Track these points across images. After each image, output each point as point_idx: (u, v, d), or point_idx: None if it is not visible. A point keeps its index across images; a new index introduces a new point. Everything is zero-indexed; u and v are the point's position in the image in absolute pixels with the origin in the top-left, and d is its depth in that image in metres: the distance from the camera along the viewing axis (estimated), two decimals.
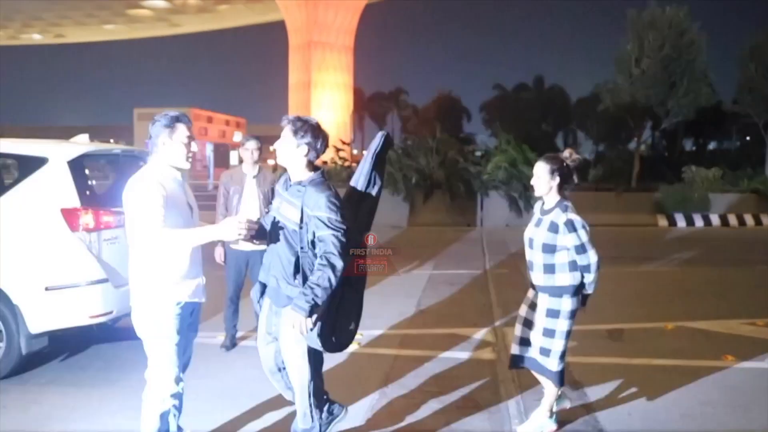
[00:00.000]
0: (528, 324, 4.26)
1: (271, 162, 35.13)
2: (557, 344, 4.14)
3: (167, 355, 3.50)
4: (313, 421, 3.75)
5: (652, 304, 8.54)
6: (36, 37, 55.79)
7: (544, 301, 4.15)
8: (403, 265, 11.84)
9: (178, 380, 3.57)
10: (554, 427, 4.39)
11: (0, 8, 45.21)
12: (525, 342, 4.27)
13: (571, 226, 4.01)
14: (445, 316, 7.77)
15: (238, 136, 37.33)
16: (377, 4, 42.26)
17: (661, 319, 7.54)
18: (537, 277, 4.16)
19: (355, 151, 31.20)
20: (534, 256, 4.16)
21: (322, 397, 3.83)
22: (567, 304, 4.09)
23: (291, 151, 3.49)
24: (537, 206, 4.35)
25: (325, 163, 23.90)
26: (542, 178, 4.12)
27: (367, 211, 3.71)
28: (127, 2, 44.81)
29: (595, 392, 5.16)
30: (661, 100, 28.93)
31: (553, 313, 4.11)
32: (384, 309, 8.00)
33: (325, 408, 3.85)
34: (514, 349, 4.34)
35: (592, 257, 4.02)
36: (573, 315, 4.14)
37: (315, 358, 3.71)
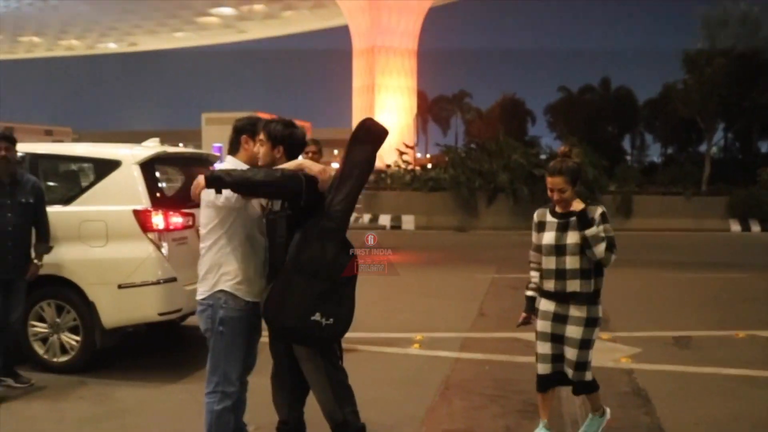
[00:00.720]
0: (558, 339, 3.96)
1: (335, 165, 35.56)
2: (591, 354, 3.98)
3: (229, 353, 3.59)
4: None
5: (723, 312, 8.28)
6: (111, 46, 57.92)
7: (581, 311, 3.88)
8: (464, 268, 11.81)
9: (239, 379, 3.65)
10: (609, 417, 4.27)
11: (79, 21, 47.18)
12: (558, 359, 4.00)
13: (605, 217, 3.85)
14: (507, 320, 7.70)
15: None
16: (441, 7, 42.25)
17: (731, 327, 7.31)
18: (573, 284, 3.88)
19: (418, 155, 31.28)
20: (568, 263, 3.87)
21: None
22: (600, 309, 3.98)
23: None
24: (542, 213, 4.05)
25: (388, 166, 24.00)
26: (567, 191, 3.85)
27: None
28: (196, 11, 46.01)
29: (661, 401, 5.05)
30: (735, 100, 27.98)
31: (592, 322, 3.90)
32: (445, 312, 8.02)
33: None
34: (545, 369, 4.04)
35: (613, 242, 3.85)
36: None
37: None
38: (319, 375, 3.60)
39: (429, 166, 23.45)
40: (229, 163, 3.64)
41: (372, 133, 3.55)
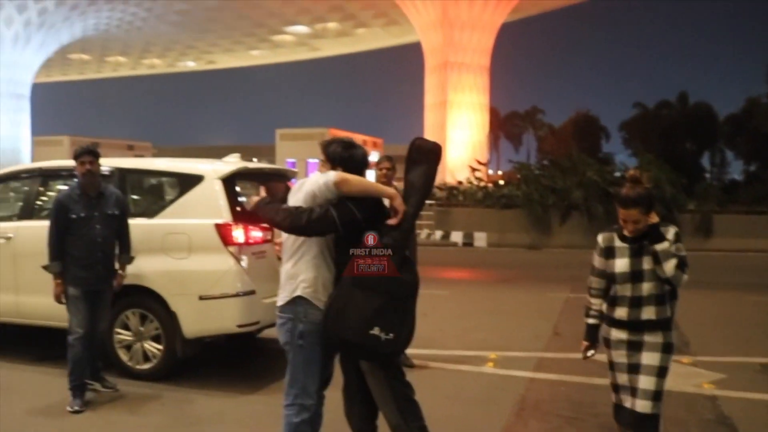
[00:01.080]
0: (635, 369, 3.66)
1: None
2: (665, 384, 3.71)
3: (308, 366, 3.63)
4: None
5: None
6: (190, 64, 59.89)
7: (657, 336, 3.62)
8: (538, 287, 11.64)
9: (315, 393, 3.68)
10: None
11: (161, 41, 49.06)
12: (637, 392, 3.66)
13: (679, 236, 3.61)
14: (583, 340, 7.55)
15: (374, 156, 38.16)
16: (513, 23, 42.00)
17: None
18: (648, 311, 3.61)
19: (490, 171, 31.10)
20: (645, 289, 3.60)
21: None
22: (674, 335, 3.72)
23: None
24: (610, 238, 3.71)
25: (460, 183, 23.94)
26: (641, 222, 3.54)
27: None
28: (272, 29, 47.09)
29: (747, 430, 4.85)
30: None
31: (669, 348, 3.63)
32: (519, 331, 7.92)
33: None
34: (624, 400, 3.74)
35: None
36: None
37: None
38: (382, 388, 3.61)
39: (501, 182, 23.27)
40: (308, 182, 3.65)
41: (423, 152, 3.53)
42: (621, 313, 3.67)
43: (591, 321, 3.92)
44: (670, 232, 3.57)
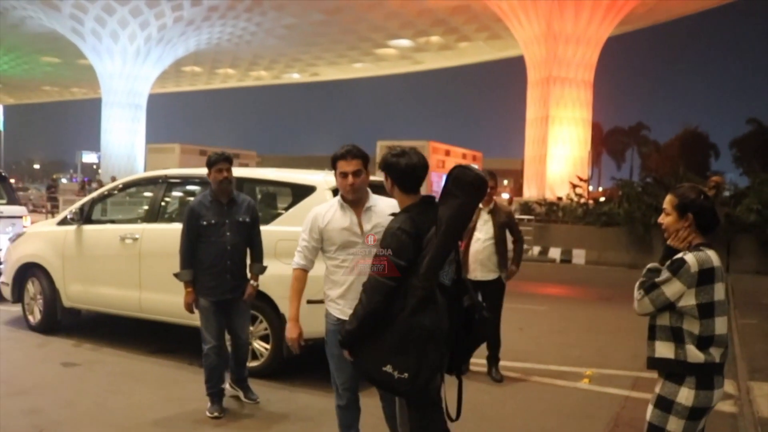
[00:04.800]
0: None
1: (505, 196, 35.44)
2: None
3: (333, 371, 3.92)
4: None
5: None
6: (295, 77, 61.69)
7: (657, 384, 3.07)
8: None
9: (343, 386, 3.90)
10: None
11: (268, 53, 50.83)
12: None
13: (681, 265, 2.98)
14: None
15: None
16: (619, 36, 41.06)
17: None
18: (651, 345, 3.09)
19: (591, 188, 30.51)
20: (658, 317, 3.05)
21: None
22: None
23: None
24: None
25: (560, 199, 23.64)
26: (670, 217, 3.09)
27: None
28: (375, 43, 47.86)
29: None
30: None
31: (662, 404, 2.99)
32: (616, 349, 7.87)
33: None
34: None
35: None
36: None
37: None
38: (403, 414, 3.55)
39: (602, 200, 22.80)
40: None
41: (461, 184, 3.16)
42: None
43: None
44: (690, 258, 2.92)
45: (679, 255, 2.95)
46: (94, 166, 54.98)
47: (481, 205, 6.29)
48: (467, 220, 3.26)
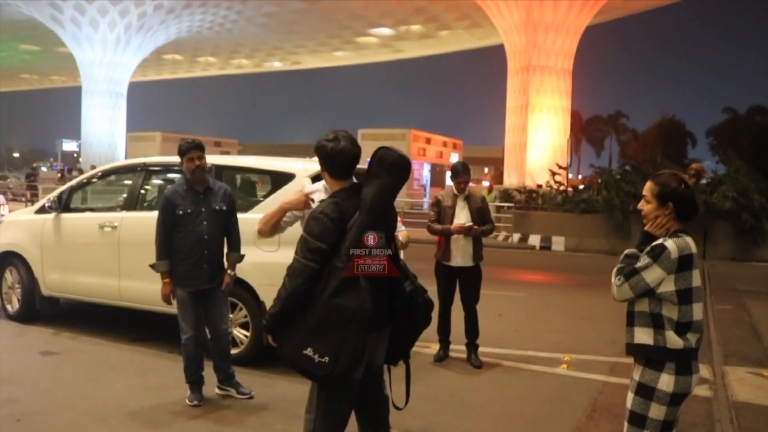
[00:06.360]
0: None
1: (485, 183, 35.56)
2: None
3: None
4: None
5: None
6: (276, 65, 61.36)
7: (636, 371, 3.11)
8: None
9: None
10: None
11: (249, 42, 50.54)
12: None
13: (661, 252, 3.01)
14: None
15: (454, 158, 38.19)
16: (597, 26, 41.23)
17: None
18: (630, 332, 3.14)
19: (570, 176, 30.64)
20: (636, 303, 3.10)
21: None
22: None
23: None
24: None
25: (540, 186, 23.78)
26: (650, 205, 3.11)
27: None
28: (356, 31, 47.72)
29: None
30: None
31: (643, 390, 3.04)
32: (595, 335, 7.95)
33: None
34: None
35: None
36: None
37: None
38: (311, 400, 3.36)
39: (581, 187, 22.93)
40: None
41: (384, 164, 3.12)
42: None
43: None
44: (670, 243, 2.95)
45: (659, 241, 2.97)
46: (75, 155, 54.41)
47: (456, 193, 6.46)
48: (390, 200, 3.22)
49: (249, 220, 5.92)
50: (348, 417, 3.30)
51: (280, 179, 6.07)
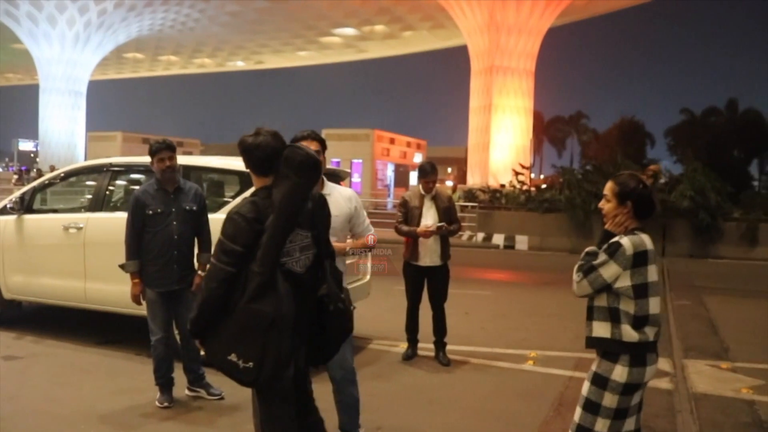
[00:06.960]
0: None
1: (449, 183, 35.76)
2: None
3: None
4: None
5: None
6: (239, 64, 60.91)
7: (594, 363, 3.28)
8: None
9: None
10: None
11: (212, 41, 50.09)
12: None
13: (616, 249, 3.14)
14: None
15: (418, 158, 38.37)
16: (559, 28, 41.80)
17: None
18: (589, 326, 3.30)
19: (533, 175, 31.02)
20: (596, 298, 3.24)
21: None
22: None
23: None
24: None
25: (503, 186, 24.02)
26: (610, 204, 3.22)
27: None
28: (320, 31, 47.63)
29: None
30: None
31: (598, 380, 3.20)
32: (560, 332, 8.09)
33: None
34: None
35: None
36: None
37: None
38: (254, 405, 3.32)
39: (544, 186, 23.24)
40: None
41: (291, 164, 3.01)
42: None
43: None
44: (625, 241, 3.08)
45: (615, 239, 3.10)
46: (32, 155, 53.34)
47: (424, 193, 6.49)
48: (301, 201, 3.08)
49: (218, 221, 5.93)
50: (293, 414, 3.22)
51: (248, 179, 6.04)
